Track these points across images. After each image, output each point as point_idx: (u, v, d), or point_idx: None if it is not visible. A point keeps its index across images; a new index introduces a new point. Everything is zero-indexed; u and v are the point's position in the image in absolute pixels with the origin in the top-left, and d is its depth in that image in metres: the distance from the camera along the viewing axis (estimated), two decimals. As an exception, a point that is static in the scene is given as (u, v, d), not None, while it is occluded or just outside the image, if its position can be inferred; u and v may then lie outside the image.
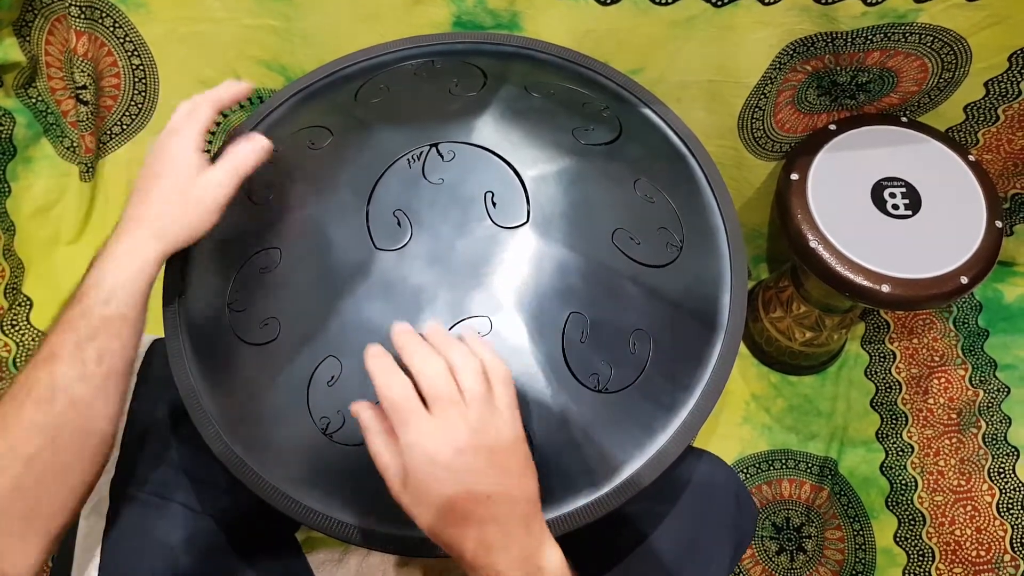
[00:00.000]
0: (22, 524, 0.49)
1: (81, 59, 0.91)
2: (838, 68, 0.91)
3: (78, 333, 0.52)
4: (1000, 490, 1.04)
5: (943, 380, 1.15)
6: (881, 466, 1.13)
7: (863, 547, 1.09)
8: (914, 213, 0.93)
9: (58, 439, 0.50)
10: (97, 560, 0.61)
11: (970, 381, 1.14)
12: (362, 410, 0.50)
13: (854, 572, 1.07)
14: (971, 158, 0.96)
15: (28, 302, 1.02)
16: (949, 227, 0.92)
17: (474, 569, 0.46)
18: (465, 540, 0.46)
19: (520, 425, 0.49)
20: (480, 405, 0.47)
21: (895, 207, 0.93)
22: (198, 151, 0.59)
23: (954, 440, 1.11)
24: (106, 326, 0.53)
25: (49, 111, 1.00)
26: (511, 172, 0.63)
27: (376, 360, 0.49)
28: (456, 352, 0.49)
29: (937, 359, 1.18)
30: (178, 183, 0.57)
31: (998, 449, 1.07)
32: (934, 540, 1.06)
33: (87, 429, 0.52)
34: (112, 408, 0.54)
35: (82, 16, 0.88)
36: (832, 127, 0.99)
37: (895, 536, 1.08)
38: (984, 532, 1.03)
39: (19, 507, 0.49)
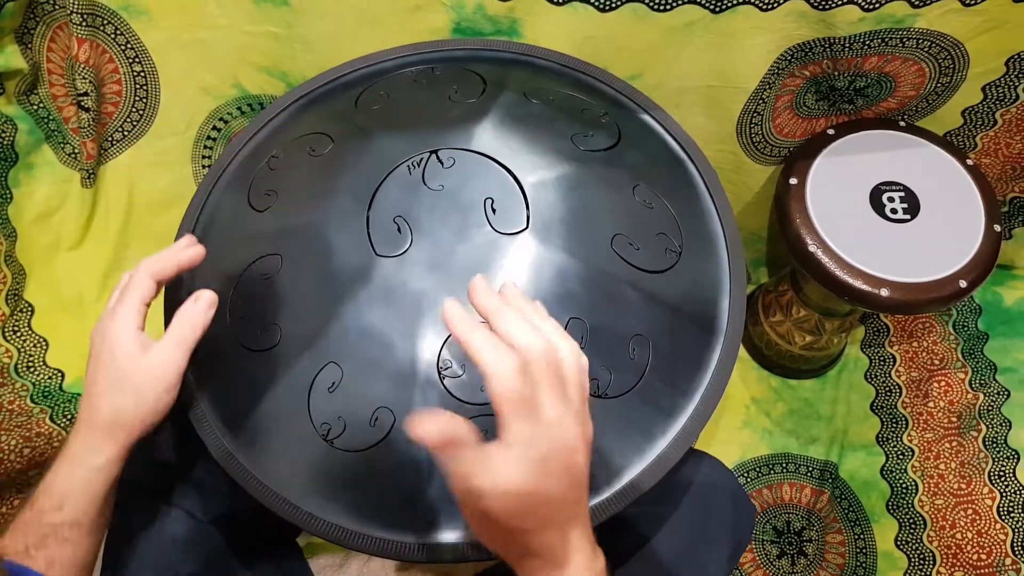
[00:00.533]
0: None
1: (83, 66, 0.91)
2: (836, 73, 0.92)
3: (26, 540, 0.51)
4: (1001, 493, 1.04)
5: (943, 384, 1.16)
6: (882, 470, 1.13)
7: (864, 551, 1.09)
8: (913, 217, 0.93)
9: None
10: (100, 566, 0.61)
11: (970, 384, 1.14)
12: (441, 427, 0.42)
13: (855, 576, 1.07)
14: (969, 162, 0.96)
15: (29, 308, 1.03)
16: (948, 231, 0.92)
17: (539, 557, 0.44)
18: (553, 547, 0.43)
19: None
20: (579, 398, 0.44)
21: (894, 211, 0.93)
22: (135, 332, 0.54)
23: (954, 443, 1.11)
24: (55, 534, 0.51)
25: (51, 118, 1.00)
26: (510, 178, 0.63)
27: (476, 331, 0.42)
28: (554, 333, 0.44)
29: (937, 363, 1.18)
30: (121, 373, 0.53)
31: (998, 452, 1.07)
32: (935, 544, 1.06)
33: None
34: None
35: (84, 23, 0.88)
36: (830, 132, 0.99)
37: (896, 540, 1.08)
38: (985, 535, 1.03)
39: None
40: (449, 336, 0.57)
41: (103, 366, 0.54)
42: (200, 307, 0.56)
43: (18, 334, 1.01)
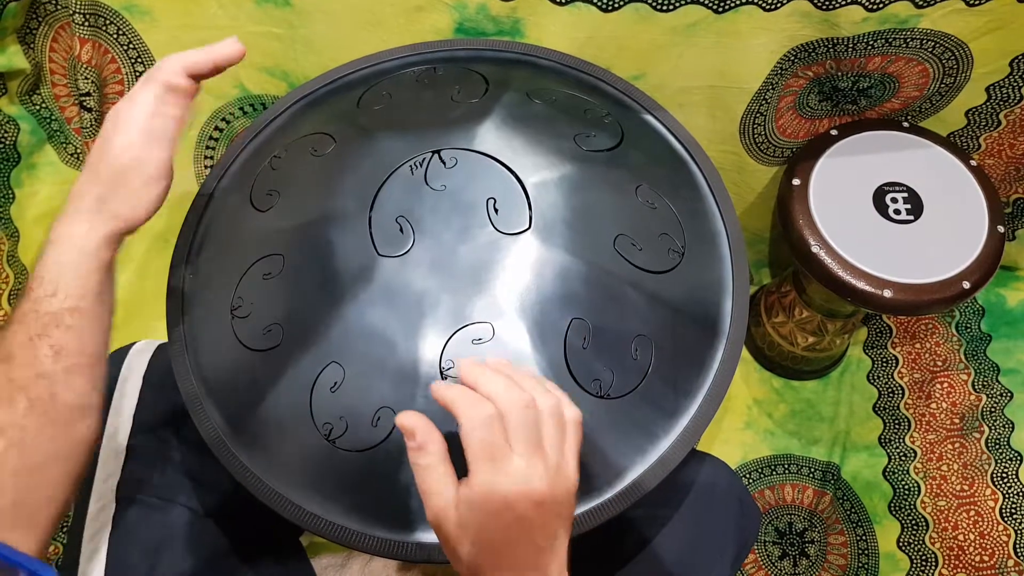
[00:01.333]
0: (8, 521, 0.48)
1: (85, 66, 0.92)
2: (839, 74, 0.92)
3: (29, 329, 0.49)
4: (1003, 495, 1.04)
5: (946, 385, 1.15)
6: (884, 471, 1.13)
7: (866, 552, 1.08)
8: (916, 218, 0.93)
9: (24, 440, 0.48)
10: (103, 563, 0.61)
11: (973, 386, 1.14)
12: (418, 428, 0.45)
13: (857, 577, 1.07)
14: (973, 163, 0.96)
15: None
16: (951, 232, 0.92)
17: None
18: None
19: (578, 476, 0.45)
20: (557, 453, 0.44)
21: (897, 212, 0.93)
22: (146, 118, 0.53)
23: (957, 445, 1.11)
24: (56, 320, 0.50)
25: (53, 118, 1.00)
26: (513, 178, 0.63)
27: (451, 388, 0.45)
28: (537, 388, 0.45)
29: (940, 364, 1.18)
30: (114, 157, 0.52)
31: (1001, 454, 1.07)
32: (937, 545, 1.05)
33: (55, 426, 0.50)
34: (81, 400, 0.51)
35: (86, 23, 0.88)
36: (834, 132, 0.99)
37: (898, 541, 1.08)
38: (987, 537, 1.03)
39: (1, 504, 0.48)
40: (452, 336, 0.57)
41: (104, 148, 0.52)
42: (177, 98, 0.54)
43: (20, 334, 1.01)
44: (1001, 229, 0.92)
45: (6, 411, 0.48)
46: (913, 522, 1.08)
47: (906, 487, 1.10)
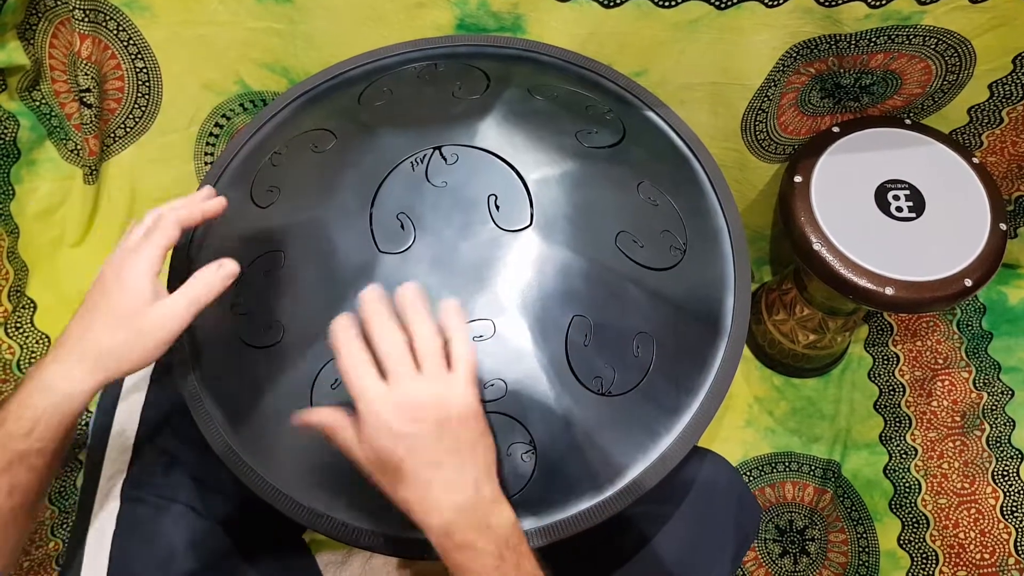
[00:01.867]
0: None
1: (85, 62, 0.91)
2: (842, 70, 0.91)
3: None
4: (1004, 493, 1.04)
5: (947, 383, 1.15)
6: (885, 469, 1.13)
7: (867, 550, 1.08)
8: (918, 215, 0.92)
9: None
10: (106, 561, 0.61)
11: (974, 384, 1.14)
12: (315, 414, 0.52)
13: (858, 575, 1.07)
14: (975, 160, 0.96)
15: (32, 305, 1.03)
16: (953, 230, 0.92)
17: (428, 528, 0.49)
18: (415, 499, 0.49)
19: (475, 400, 0.50)
20: (433, 378, 0.49)
21: (899, 209, 0.93)
22: (153, 277, 0.54)
23: (958, 443, 1.11)
24: (21, 461, 0.50)
25: (53, 114, 1.00)
26: (514, 175, 0.63)
27: (342, 331, 0.50)
28: (420, 326, 0.51)
29: (941, 362, 1.18)
30: (126, 313, 0.53)
31: (1002, 452, 1.07)
32: (938, 543, 1.05)
33: None
34: (16, 537, 0.52)
35: (86, 19, 0.88)
36: (836, 129, 0.99)
37: (899, 539, 1.08)
38: (988, 535, 1.03)
39: None
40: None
41: (110, 301, 0.53)
42: (221, 274, 0.56)
43: (21, 331, 1.01)
44: (1003, 227, 0.91)
45: None
46: (914, 520, 1.08)
47: (907, 485, 1.10)
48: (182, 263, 0.66)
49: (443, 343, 0.51)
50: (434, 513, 0.48)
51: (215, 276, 0.55)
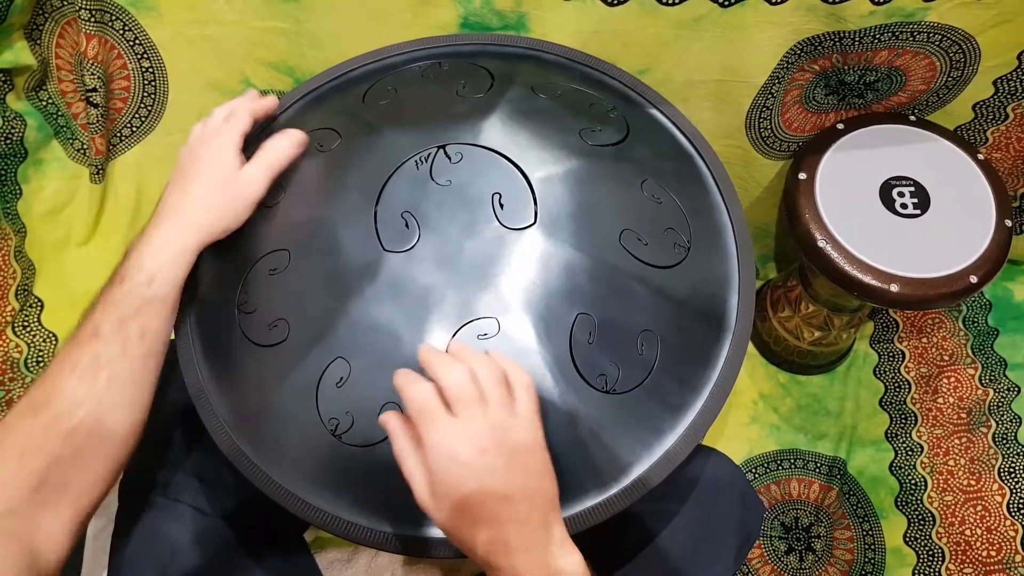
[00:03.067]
0: (57, 498, 0.50)
1: (91, 62, 0.92)
2: (846, 67, 0.91)
3: (120, 311, 0.54)
4: (1011, 490, 1.04)
5: (953, 379, 1.15)
6: (890, 466, 1.13)
7: (872, 547, 1.08)
8: (923, 212, 0.92)
9: (99, 413, 0.52)
10: (106, 561, 0.62)
11: (980, 380, 1.14)
12: (390, 419, 0.51)
13: (863, 572, 1.07)
14: (980, 157, 0.96)
15: (39, 303, 1.03)
16: (958, 226, 0.91)
17: (492, 569, 0.47)
18: (483, 539, 0.46)
19: (540, 431, 0.50)
20: (500, 408, 0.48)
21: (904, 206, 0.93)
22: (238, 151, 0.61)
23: (964, 440, 1.10)
24: (148, 306, 0.55)
25: (60, 113, 1.01)
26: (518, 173, 0.63)
27: (402, 374, 0.51)
28: (478, 361, 0.50)
29: (946, 358, 1.17)
30: (219, 177, 0.60)
31: (1008, 448, 1.06)
32: (944, 540, 1.05)
33: (127, 404, 0.54)
34: (150, 386, 0.56)
35: (92, 19, 0.89)
36: (840, 126, 0.99)
37: (905, 536, 1.08)
38: (995, 532, 1.03)
39: (56, 480, 0.50)
40: (457, 331, 0.57)
41: (204, 171, 0.60)
42: (290, 140, 0.63)
43: (28, 329, 1.01)
44: (1008, 223, 0.91)
45: (90, 384, 0.52)
46: (920, 517, 1.08)
47: (913, 482, 1.10)
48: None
49: (504, 375, 0.50)
50: (502, 554, 0.46)
51: (284, 144, 0.63)
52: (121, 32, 0.92)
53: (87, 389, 0.52)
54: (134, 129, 1.02)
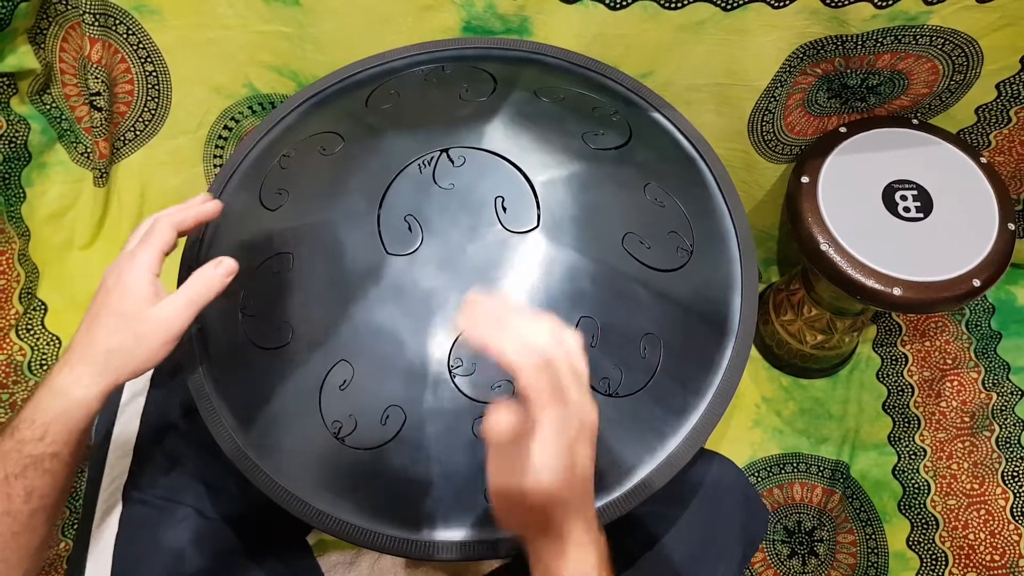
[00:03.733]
0: None
1: (95, 66, 0.92)
2: (848, 71, 0.91)
3: (6, 468, 0.51)
4: (1014, 494, 1.04)
5: (956, 383, 1.15)
6: (894, 470, 1.12)
7: (875, 551, 1.08)
8: (926, 216, 0.92)
9: None
10: (110, 564, 0.62)
11: (983, 384, 1.13)
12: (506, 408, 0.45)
13: (866, 576, 1.07)
14: (983, 160, 0.96)
15: (43, 306, 1.03)
16: (961, 229, 0.91)
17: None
18: (552, 547, 0.46)
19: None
20: (585, 384, 0.45)
21: (907, 210, 0.93)
22: (152, 279, 0.55)
23: (967, 443, 1.10)
24: (36, 463, 0.51)
25: (63, 117, 1.01)
26: (521, 177, 0.63)
27: (512, 347, 0.44)
28: (543, 335, 0.45)
29: (950, 362, 1.17)
30: (127, 314, 0.54)
31: (1012, 452, 1.06)
32: (947, 544, 1.05)
33: (9, 560, 0.51)
34: (37, 542, 0.53)
35: (96, 23, 0.89)
36: (843, 130, 0.99)
37: (908, 540, 1.07)
38: (998, 536, 1.03)
39: None
40: (460, 334, 0.57)
41: (111, 305, 0.54)
42: (219, 273, 0.56)
43: (32, 332, 1.01)
44: (1012, 226, 0.91)
45: None
46: (923, 521, 1.07)
47: (916, 486, 1.10)
48: (192, 266, 0.67)
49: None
50: (586, 532, 0.46)
51: (214, 274, 0.56)
52: (125, 36, 0.92)
53: None
54: (138, 133, 1.02)
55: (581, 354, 0.46)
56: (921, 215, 0.92)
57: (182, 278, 0.66)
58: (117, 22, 0.91)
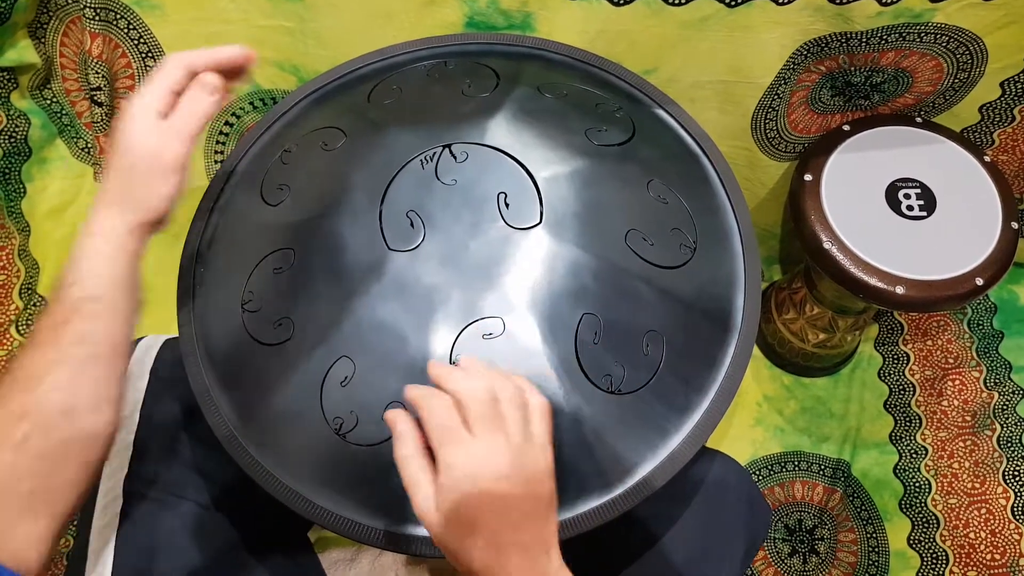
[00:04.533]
0: (26, 505, 0.49)
1: (95, 60, 0.92)
2: (852, 68, 0.91)
3: (54, 318, 0.51)
4: (1015, 493, 1.04)
5: (957, 382, 1.15)
6: (895, 468, 1.12)
7: (876, 550, 1.08)
8: (929, 214, 0.92)
9: (46, 424, 0.49)
10: (111, 558, 0.61)
11: (985, 383, 1.13)
12: (398, 419, 0.48)
13: (867, 575, 1.07)
14: (987, 159, 0.96)
15: (43, 302, 1.03)
16: (964, 228, 0.91)
17: None
18: (482, 559, 0.45)
19: (552, 458, 0.48)
20: (518, 433, 0.46)
21: (910, 208, 0.92)
22: (148, 114, 0.54)
23: (968, 442, 1.10)
24: (78, 308, 0.52)
25: (64, 112, 1.01)
26: (524, 173, 0.63)
27: (416, 388, 0.48)
28: (497, 379, 0.48)
29: (951, 361, 1.17)
30: (125, 152, 0.54)
31: (1013, 452, 1.06)
32: (948, 543, 1.05)
33: (76, 412, 0.51)
34: (101, 390, 0.52)
35: (96, 18, 0.89)
36: (846, 128, 0.99)
37: (909, 539, 1.07)
38: (999, 535, 1.03)
39: (19, 489, 0.48)
40: (462, 331, 0.57)
41: (114, 145, 0.55)
42: (204, 92, 0.55)
43: (32, 328, 1.01)
44: (1015, 226, 0.91)
45: (28, 395, 0.49)
46: (924, 520, 1.07)
47: (917, 485, 1.10)
48: (191, 262, 0.67)
49: (523, 397, 0.48)
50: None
51: (199, 95, 0.55)
52: (126, 31, 0.92)
53: (27, 400, 0.49)
54: (138, 128, 1.02)
55: (541, 410, 0.48)
56: (924, 214, 0.92)
57: (182, 288, 0.66)
58: (118, 16, 0.90)
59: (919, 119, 0.99)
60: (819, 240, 0.91)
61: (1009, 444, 1.07)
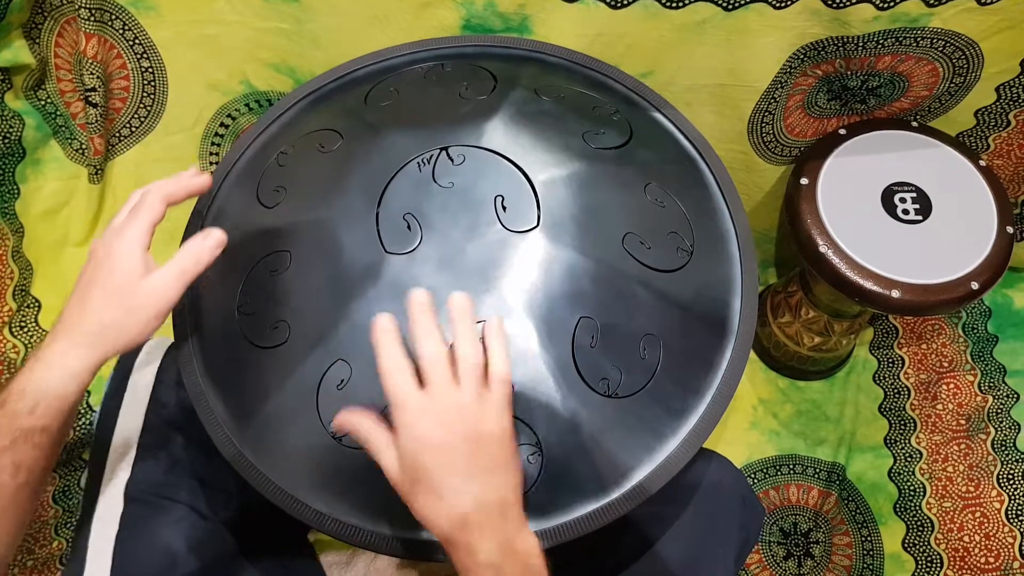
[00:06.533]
0: None
1: (90, 61, 0.91)
2: (849, 72, 0.91)
3: None
4: (1009, 496, 1.04)
5: (952, 386, 1.15)
6: (889, 472, 1.12)
7: (871, 553, 1.08)
8: (924, 218, 0.92)
9: None
10: (109, 563, 0.61)
11: (979, 387, 1.14)
12: (354, 418, 0.51)
13: (862, 578, 1.07)
14: (982, 163, 0.96)
15: (36, 304, 1.02)
16: (960, 232, 0.91)
17: (450, 544, 0.48)
18: (443, 514, 0.47)
19: (508, 422, 0.50)
20: (471, 394, 0.49)
21: (905, 212, 0.93)
22: (142, 252, 0.55)
23: (963, 446, 1.10)
24: (26, 437, 0.51)
25: (58, 113, 1.00)
26: (521, 176, 0.63)
27: (383, 333, 0.50)
28: (465, 340, 0.50)
29: (946, 365, 1.17)
30: (117, 289, 0.54)
31: (1007, 455, 1.06)
32: (942, 546, 1.05)
33: None
34: (21, 517, 0.52)
35: (92, 18, 0.88)
36: (842, 131, 0.99)
37: (903, 542, 1.07)
38: (993, 539, 1.03)
39: None
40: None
41: (101, 278, 0.54)
42: (208, 244, 0.57)
43: (25, 330, 1.01)
44: (1010, 230, 0.91)
45: None
46: (918, 523, 1.07)
47: (911, 488, 1.10)
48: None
49: (484, 361, 0.51)
50: (461, 529, 0.47)
51: (203, 246, 0.57)
52: (121, 31, 0.91)
53: None
54: (133, 129, 1.01)
55: (500, 376, 0.50)
56: (920, 218, 0.92)
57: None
58: (113, 17, 0.90)
59: (915, 123, 0.99)
60: (815, 244, 0.91)
61: (1003, 448, 1.07)
